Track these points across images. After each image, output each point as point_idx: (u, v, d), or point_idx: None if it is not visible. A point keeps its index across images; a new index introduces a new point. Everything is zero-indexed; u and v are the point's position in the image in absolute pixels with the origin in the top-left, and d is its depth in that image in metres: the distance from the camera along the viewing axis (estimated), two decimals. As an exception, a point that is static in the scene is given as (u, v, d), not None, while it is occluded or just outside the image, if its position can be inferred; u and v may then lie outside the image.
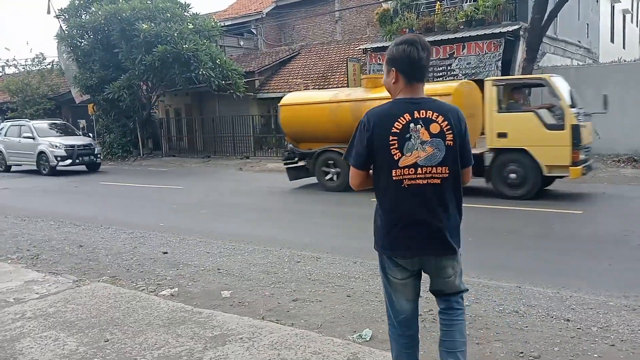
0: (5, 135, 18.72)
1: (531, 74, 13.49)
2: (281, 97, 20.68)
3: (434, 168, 2.37)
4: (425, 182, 2.38)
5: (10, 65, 27.74)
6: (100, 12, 19.47)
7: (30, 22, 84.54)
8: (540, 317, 3.95)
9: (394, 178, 2.40)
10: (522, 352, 3.37)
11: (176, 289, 4.92)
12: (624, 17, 28.91)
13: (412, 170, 2.38)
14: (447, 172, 2.39)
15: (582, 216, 7.73)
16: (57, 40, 21.58)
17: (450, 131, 2.39)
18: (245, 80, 20.18)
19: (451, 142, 2.38)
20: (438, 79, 15.70)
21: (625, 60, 16.59)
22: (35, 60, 27.11)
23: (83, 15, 21.37)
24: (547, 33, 14.24)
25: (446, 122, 2.39)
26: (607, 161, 13.30)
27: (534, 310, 4.08)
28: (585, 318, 3.90)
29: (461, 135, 2.43)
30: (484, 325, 3.83)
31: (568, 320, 3.87)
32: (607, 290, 4.51)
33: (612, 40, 26.31)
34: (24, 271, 5.60)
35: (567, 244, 6.23)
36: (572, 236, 6.59)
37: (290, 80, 20.95)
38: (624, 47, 27.90)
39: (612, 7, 26.04)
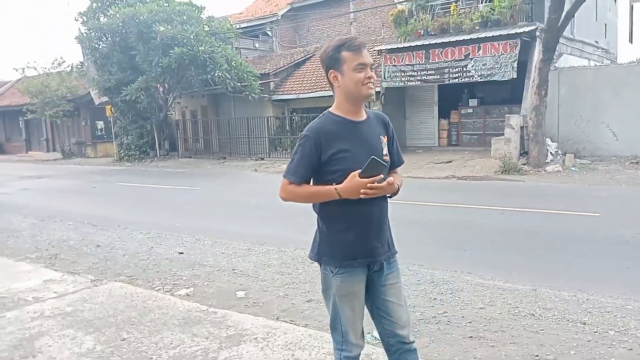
0: None
1: (548, 74, 13.37)
2: (296, 99, 20.99)
3: None
4: None
5: (30, 68, 28.15)
6: (118, 15, 19.69)
7: (50, 24, 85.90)
8: (557, 320, 3.92)
9: None
10: (537, 355, 3.34)
11: (192, 289, 4.97)
12: (644, 16, 28.43)
13: None
14: None
15: (599, 218, 7.63)
16: (78, 43, 21.90)
17: None
18: (261, 82, 20.26)
19: None
20: (454, 80, 15.64)
21: (644, 61, 16.35)
22: (55, 62, 27.52)
23: (101, 18, 21.64)
24: (564, 34, 14.07)
25: None
26: (625, 163, 13.11)
27: (549, 313, 4.05)
28: (602, 321, 3.86)
29: None
30: (499, 327, 3.81)
31: (585, 323, 3.83)
32: (624, 294, 4.46)
33: (630, 41, 25.93)
34: (42, 270, 5.70)
35: (584, 247, 6.16)
36: (588, 238, 6.51)
37: (304, 82, 20.99)
38: (643, 47, 27.45)
39: (631, 7, 25.67)
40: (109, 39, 21.21)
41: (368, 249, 2.31)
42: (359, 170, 2.14)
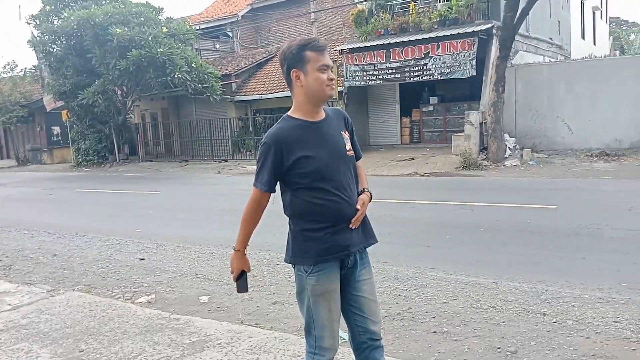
0: None
1: (504, 71, 13.67)
2: (259, 100, 20.85)
3: None
4: None
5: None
6: (72, 18, 19.13)
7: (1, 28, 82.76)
8: (517, 312, 3.99)
9: None
10: (499, 348, 3.39)
11: (153, 296, 4.86)
12: (594, 13, 29.46)
13: None
14: None
15: (556, 211, 7.84)
16: (30, 47, 21.18)
17: None
18: (222, 83, 20.06)
19: None
20: (415, 78, 15.82)
21: (595, 57, 16.94)
22: (7, 67, 26.59)
23: (55, 21, 20.98)
24: (519, 31, 14.42)
25: None
26: (580, 156, 13.54)
27: (510, 305, 4.13)
28: (560, 312, 3.95)
29: None
30: (462, 321, 3.86)
31: (544, 314, 3.91)
32: (582, 283, 4.58)
33: (583, 37, 26.78)
34: (-5, 283, 5.47)
35: (542, 239, 6.31)
36: (546, 231, 6.68)
37: (267, 82, 20.88)
38: (594, 44, 28.45)
39: (582, 4, 26.50)
40: (64, 42, 20.61)
41: (341, 245, 2.30)
42: (245, 269, 2.72)
